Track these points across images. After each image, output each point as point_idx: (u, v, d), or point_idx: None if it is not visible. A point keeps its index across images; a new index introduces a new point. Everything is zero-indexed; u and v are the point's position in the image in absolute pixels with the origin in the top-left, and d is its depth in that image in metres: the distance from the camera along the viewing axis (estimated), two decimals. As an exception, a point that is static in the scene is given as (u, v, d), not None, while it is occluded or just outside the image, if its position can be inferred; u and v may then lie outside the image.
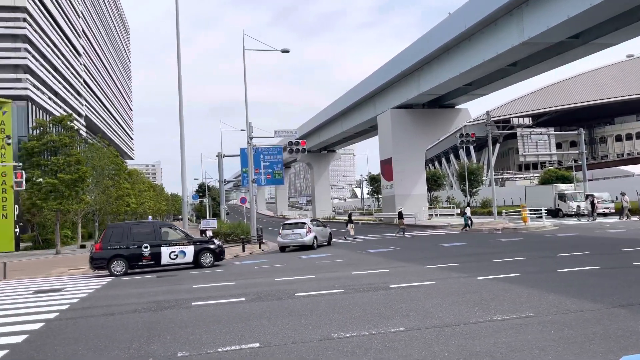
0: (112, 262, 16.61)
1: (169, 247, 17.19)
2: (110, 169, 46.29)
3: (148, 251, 16.93)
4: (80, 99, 74.09)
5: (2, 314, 9.93)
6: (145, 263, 17.02)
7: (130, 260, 16.83)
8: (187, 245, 17.53)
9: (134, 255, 16.85)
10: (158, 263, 17.16)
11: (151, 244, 17.02)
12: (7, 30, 51.02)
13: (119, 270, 16.60)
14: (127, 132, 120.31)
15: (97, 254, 16.68)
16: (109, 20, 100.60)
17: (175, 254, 17.25)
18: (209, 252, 17.81)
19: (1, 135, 30.70)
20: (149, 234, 17.33)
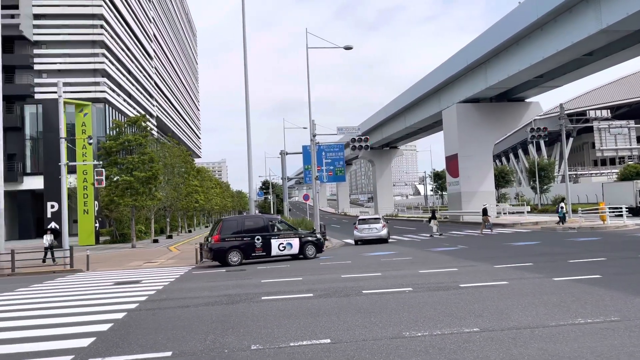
0: (229, 252, 17.61)
1: (277, 239, 18.23)
2: (180, 167, 48.28)
3: (260, 243, 17.98)
4: (152, 100, 77.70)
5: (88, 303, 10.61)
6: (258, 254, 18.06)
7: (245, 252, 17.85)
8: (294, 237, 18.58)
9: (248, 246, 17.91)
10: (269, 254, 18.17)
11: (262, 236, 18.06)
12: (86, 37, 54.35)
13: (235, 260, 17.59)
14: (195, 131, 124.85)
15: (216, 245, 17.64)
16: (177, 24, 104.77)
17: (283, 245, 18.30)
18: (312, 244, 18.88)
19: (83, 135, 32.81)
20: (260, 226, 18.41)
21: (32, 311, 9.93)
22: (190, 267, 18.27)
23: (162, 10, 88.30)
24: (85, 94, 51.85)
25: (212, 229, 19.47)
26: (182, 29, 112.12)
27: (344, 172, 40.22)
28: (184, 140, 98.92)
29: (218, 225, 18.32)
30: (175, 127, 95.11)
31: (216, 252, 17.56)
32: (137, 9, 69.44)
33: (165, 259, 22.49)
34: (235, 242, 17.71)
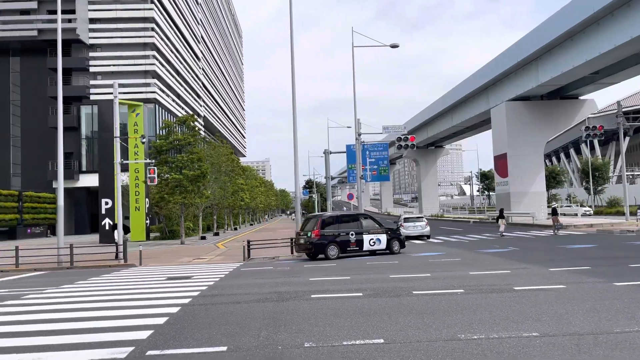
0: (328, 247, 18.32)
1: (368, 235, 19.00)
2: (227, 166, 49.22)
3: (354, 238, 18.75)
4: (199, 100, 79.56)
5: (144, 296, 10.96)
6: (352, 249, 18.79)
7: (341, 246, 18.57)
8: (382, 233, 19.33)
9: (344, 241, 18.65)
10: (361, 249, 18.92)
11: (356, 231, 18.87)
12: (138, 40, 56.26)
13: (332, 254, 18.29)
14: (240, 130, 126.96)
15: (317, 240, 18.34)
16: (224, 25, 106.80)
17: (373, 241, 19.06)
18: (397, 240, 19.73)
19: (136, 135, 33.95)
20: (353, 222, 19.30)
21: (91, 303, 10.35)
22: (238, 263, 18.58)
23: (209, 12, 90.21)
24: (136, 94, 53.67)
25: (303, 224, 20.36)
26: (228, 30, 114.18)
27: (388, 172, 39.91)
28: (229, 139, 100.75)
29: (317, 221, 18.94)
30: (222, 127, 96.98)
31: (317, 247, 18.37)
32: (185, 11, 71.27)
33: (213, 255, 22.97)
34: (333, 237, 18.53)
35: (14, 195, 47.80)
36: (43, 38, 53.84)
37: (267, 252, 21.67)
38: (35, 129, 56.10)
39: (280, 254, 21.16)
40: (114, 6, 55.96)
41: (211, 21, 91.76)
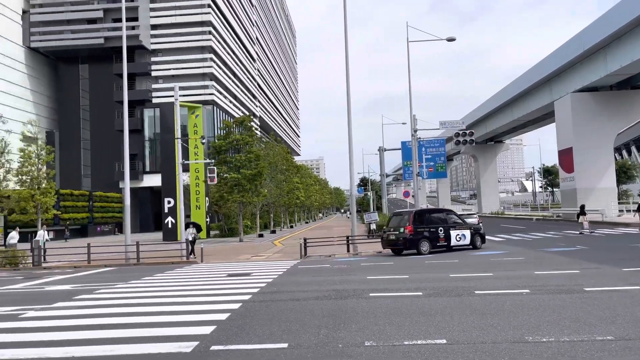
0: (420, 242, 18.74)
1: (454, 231, 19.36)
2: (282, 165, 49.88)
3: (442, 234, 19.13)
4: (255, 100, 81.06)
5: (206, 293, 11.28)
6: (441, 244, 19.17)
7: (432, 242, 18.93)
8: (466, 229, 19.68)
9: (434, 237, 19.03)
10: (449, 244, 19.28)
11: (444, 227, 19.27)
12: (196, 43, 58.06)
13: (424, 249, 18.69)
14: (294, 129, 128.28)
15: (410, 236, 18.75)
16: (278, 26, 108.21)
17: (459, 236, 19.37)
18: (479, 236, 19.97)
19: (195, 136, 35.05)
20: (441, 219, 19.76)
21: (157, 298, 10.77)
22: (295, 261, 18.77)
23: (264, 14, 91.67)
24: (196, 97, 55.41)
25: (388, 221, 20.84)
26: (282, 30, 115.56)
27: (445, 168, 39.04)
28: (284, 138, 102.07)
29: (410, 217, 19.20)
30: (277, 126, 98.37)
31: (411, 242, 18.78)
32: (241, 14, 72.78)
33: (271, 252, 23.34)
34: (424, 232, 18.86)
35: (85, 195, 50.63)
36: (109, 45, 56.60)
37: (323, 250, 21.75)
38: (103, 132, 59.11)
39: (336, 252, 21.19)
40: (173, 12, 57.99)
41: (265, 22, 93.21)
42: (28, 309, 9.95)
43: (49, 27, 57.27)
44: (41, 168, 31.00)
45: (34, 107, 57.60)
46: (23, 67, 56.80)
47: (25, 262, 21.03)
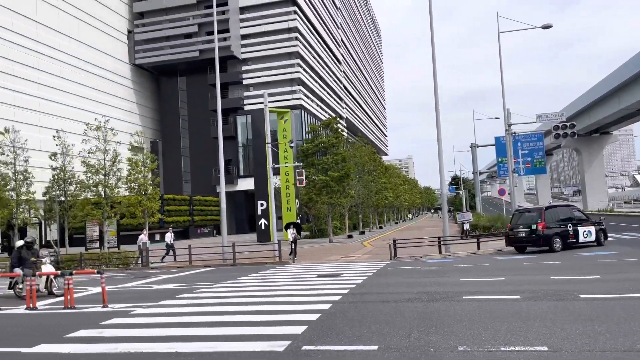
0: (553, 239, 18.63)
1: (582, 227, 19.10)
2: (370, 166, 49.77)
3: (572, 230, 18.91)
4: (342, 102, 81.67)
5: (297, 293, 11.55)
6: (571, 241, 18.94)
7: (563, 238, 18.75)
8: (591, 225, 19.39)
9: (565, 233, 18.90)
10: (577, 241, 18.95)
11: (572, 224, 19.07)
12: (284, 50, 59.73)
13: (557, 246, 18.56)
14: (381, 129, 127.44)
15: (544, 233, 18.71)
16: (363, 27, 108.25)
17: (586, 233, 19.09)
18: (602, 232, 19.60)
19: (285, 140, 36.05)
20: (568, 215, 19.60)
21: (252, 297, 11.20)
22: (385, 262, 18.62)
23: (348, 16, 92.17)
24: (284, 102, 56.99)
25: (513, 219, 20.68)
26: (367, 30, 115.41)
27: (543, 164, 36.76)
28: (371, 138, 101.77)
29: (541, 214, 19.11)
30: (363, 127, 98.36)
31: (545, 238, 18.55)
32: (326, 18, 73.77)
33: (360, 253, 23.36)
34: (556, 229, 18.64)
35: (186, 200, 53.98)
36: (203, 57, 59.91)
37: (413, 251, 21.39)
38: (200, 140, 62.64)
39: (427, 253, 20.73)
40: (261, 21, 60.10)
41: (350, 24, 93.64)
42: (138, 306, 10.78)
43: (151, 44, 61.79)
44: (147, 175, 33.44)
45: (139, 119, 62.44)
46: (129, 82, 61.78)
47: (135, 263, 22.83)
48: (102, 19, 56.83)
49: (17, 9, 44.72)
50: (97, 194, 32.44)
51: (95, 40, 55.32)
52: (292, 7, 59.60)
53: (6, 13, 43.48)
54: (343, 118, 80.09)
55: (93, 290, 14.31)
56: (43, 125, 44.08)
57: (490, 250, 20.94)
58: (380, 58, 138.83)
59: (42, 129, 42.96)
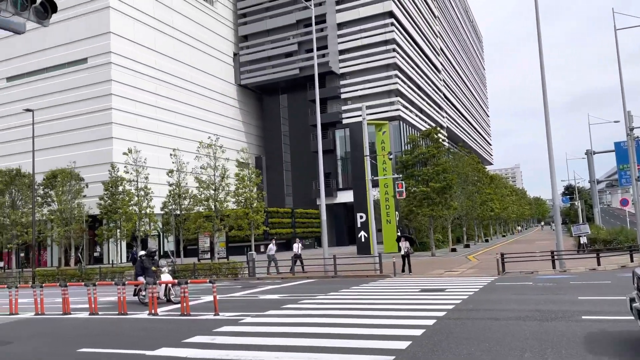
0: None
1: None
2: (473, 176, 47.87)
3: None
4: (442, 112, 79.75)
5: (400, 307, 11.38)
6: None
7: None
8: None
9: None
10: None
11: None
12: (381, 62, 59.81)
13: None
14: (485, 137, 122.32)
15: None
16: (462, 33, 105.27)
17: None
18: None
19: (383, 152, 35.91)
20: None
21: (354, 310, 11.22)
22: (492, 277, 17.74)
23: (447, 23, 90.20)
24: (382, 114, 56.91)
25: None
26: (467, 36, 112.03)
27: (674, 170, 32.93)
28: (474, 148, 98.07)
29: None
30: (465, 136, 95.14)
31: None
32: (424, 27, 72.84)
33: (465, 268, 22.48)
34: None
35: (288, 213, 55.72)
36: (303, 75, 61.82)
37: (523, 265, 20.13)
38: (301, 154, 64.46)
39: (538, 268, 19.41)
40: (359, 35, 60.78)
41: (449, 32, 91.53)
42: (246, 315, 11.29)
43: (254, 65, 65.08)
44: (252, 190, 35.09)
45: (244, 137, 65.79)
46: (235, 102, 65.47)
47: (242, 273, 23.95)
48: (211, 44, 60.97)
49: (140, 41, 49.45)
50: (208, 207, 34.68)
51: (205, 65, 59.43)
52: (389, 19, 59.63)
53: (131, 45, 48.28)
54: (443, 127, 78.10)
55: (205, 298, 15.22)
56: (161, 145, 48.07)
57: (613, 267, 19.13)
58: (482, 63, 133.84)
59: (160, 148, 46.86)
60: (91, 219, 38.59)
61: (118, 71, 46.38)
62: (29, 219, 35.09)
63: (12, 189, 36.77)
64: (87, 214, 37.83)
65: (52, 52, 47.96)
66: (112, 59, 45.93)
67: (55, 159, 42.38)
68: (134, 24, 48.94)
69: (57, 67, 47.98)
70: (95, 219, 38.57)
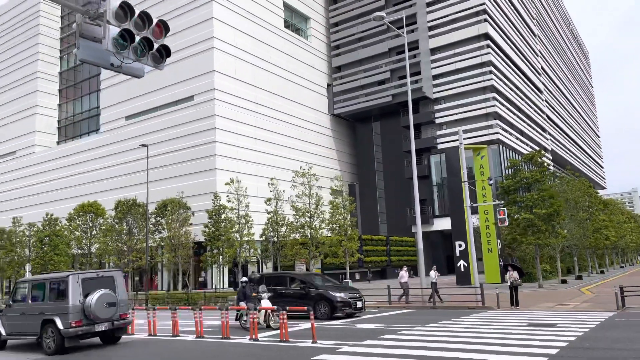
0: None
1: None
2: (584, 202, 44.36)
3: None
4: (545, 134, 75.33)
5: (506, 342, 10.68)
6: None
7: None
8: None
9: None
10: None
11: None
12: (477, 85, 58.07)
13: None
14: (595, 160, 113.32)
15: None
16: (565, 51, 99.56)
17: None
18: None
19: (482, 177, 34.53)
20: None
21: (456, 344, 10.72)
22: (611, 313, 16.12)
23: (548, 41, 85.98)
24: (480, 138, 54.97)
25: None
26: (572, 54, 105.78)
27: None
28: (583, 171, 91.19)
29: None
30: (573, 159, 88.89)
31: None
32: (522, 47, 70.00)
33: (578, 301, 20.69)
34: None
35: (383, 240, 55.12)
36: (396, 101, 61.77)
37: (648, 301, 18.10)
38: (395, 181, 63.90)
39: (667, 304, 17.34)
40: (453, 59, 59.76)
41: (551, 49, 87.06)
42: (343, 344, 11.23)
43: (347, 94, 66.23)
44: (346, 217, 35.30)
45: (338, 164, 66.70)
46: (329, 131, 66.84)
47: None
48: (305, 76, 63.17)
49: (240, 77, 52.54)
50: (303, 234, 35.38)
51: (300, 96, 61.57)
52: (484, 41, 58.06)
53: (232, 81, 51.44)
54: (548, 150, 73.62)
55: (303, 325, 15.39)
56: (259, 174, 50.17)
57: None
58: (589, 81, 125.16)
59: (259, 177, 48.88)
60: (196, 245, 40.92)
61: (221, 106, 49.46)
62: (142, 245, 38.03)
63: (129, 218, 40.14)
64: (193, 240, 40.21)
65: (163, 92, 52.39)
66: (215, 95, 49.14)
67: (166, 190, 45.75)
68: (235, 61, 52.15)
69: (167, 105, 52.26)
70: (200, 246, 40.84)
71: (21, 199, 63.24)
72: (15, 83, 68.59)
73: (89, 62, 7.22)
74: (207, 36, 50.11)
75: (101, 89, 60.20)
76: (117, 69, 7.38)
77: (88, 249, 40.61)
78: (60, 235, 41.85)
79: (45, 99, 66.68)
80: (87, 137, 62.38)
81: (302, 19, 65.22)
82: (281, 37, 59.50)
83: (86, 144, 59.75)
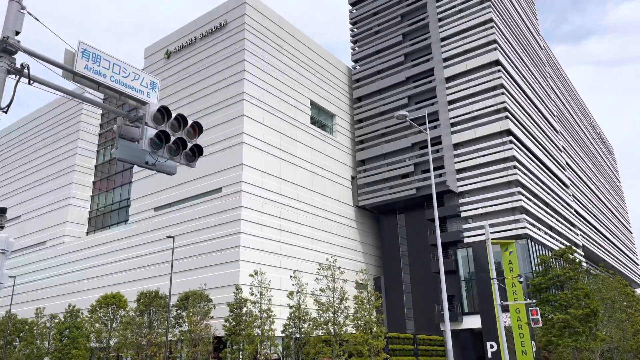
0: None
1: None
2: (621, 301, 42.19)
3: None
4: (574, 229, 73.72)
5: None
6: None
7: None
8: None
9: None
10: None
11: None
12: (502, 179, 58.18)
13: None
14: (630, 256, 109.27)
15: None
16: (589, 147, 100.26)
17: None
18: None
19: (511, 274, 33.48)
20: None
21: None
22: None
23: (571, 137, 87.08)
24: (507, 232, 54.04)
25: None
26: (596, 149, 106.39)
27: None
28: (618, 268, 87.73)
29: None
30: (606, 255, 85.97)
31: None
32: (546, 143, 70.88)
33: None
34: None
35: (410, 339, 52.58)
36: (420, 194, 62.02)
37: None
38: (421, 275, 62.33)
39: None
40: (476, 154, 60.58)
41: (575, 146, 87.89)
42: None
43: (371, 187, 66.99)
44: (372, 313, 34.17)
45: (362, 257, 65.81)
46: (354, 223, 66.81)
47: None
48: (330, 169, 64.59)
49: (267, 169, 54.04)
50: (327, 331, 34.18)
51: (325, 188, 62.52)
52: (507, 137, 59.06)
53: (259, 174, 52.83)
54: (579, 246, 71.62)
55: None
56: (282, 266, 49.72)
57: None
58: (617, 176, 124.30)
59: (281, 269, 48.39)
60: (216, 340, 39.78)
61: (247, 198, 50.40)
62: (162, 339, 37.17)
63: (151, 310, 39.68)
64: (213, 335, 39.17)
65: (192, 184, 53.95)
66: (243, 187, 50.30)
67: (189, 281, 45.50)
68: (263, 155, 53.93)
69: (195, 197, 53.55)
70: (220, 341, 39.69)
71: (46, 289, 63.62)
72: (53, 175, 71.88)
73: (126, 160, 7.61)
74: (237, 132, 52.35)
75: (132, 181, 62.42)
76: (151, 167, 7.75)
77: (107, 342, 39.87)
78: (80, 327, 41.41)
79: (79, 191, 69.33)
80: (116, 227, 63.74)
81: (327, 116, 67.98)
82: (307, 132, 61.78)
83: (114, 235, 60.89)
